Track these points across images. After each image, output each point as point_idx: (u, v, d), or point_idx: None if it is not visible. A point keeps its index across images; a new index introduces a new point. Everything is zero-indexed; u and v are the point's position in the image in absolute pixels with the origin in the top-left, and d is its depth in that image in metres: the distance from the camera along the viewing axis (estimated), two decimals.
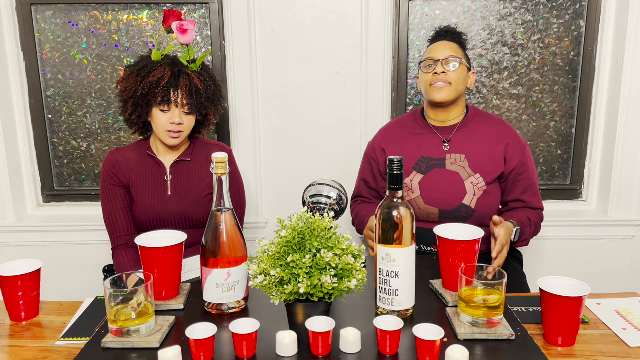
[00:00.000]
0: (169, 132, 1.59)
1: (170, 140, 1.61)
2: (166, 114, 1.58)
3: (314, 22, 2.10)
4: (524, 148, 1.68)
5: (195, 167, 1.69)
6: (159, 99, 1.57)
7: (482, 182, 1.63)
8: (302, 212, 1.05)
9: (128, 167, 1.67)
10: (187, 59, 1.64)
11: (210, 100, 1.65)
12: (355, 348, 1.00)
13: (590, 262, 2.27)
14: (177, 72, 1.59)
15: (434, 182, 1.65)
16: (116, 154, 1.69)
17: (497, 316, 1.06)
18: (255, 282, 1.01)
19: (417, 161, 1.68)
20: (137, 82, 1.58)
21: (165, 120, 1.58)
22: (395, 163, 1.08)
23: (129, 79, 1.61)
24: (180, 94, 1.58)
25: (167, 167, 1.68)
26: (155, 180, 1.66)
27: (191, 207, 1.65)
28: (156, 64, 1.60)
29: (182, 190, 1.67)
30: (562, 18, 2.18)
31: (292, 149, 2.22)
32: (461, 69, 1.65)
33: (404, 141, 1.73)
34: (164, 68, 1.58)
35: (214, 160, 1.14)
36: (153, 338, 1.04)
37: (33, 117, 2.28)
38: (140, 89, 1.57)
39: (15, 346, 1.13)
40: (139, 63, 1.64)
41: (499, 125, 1.71)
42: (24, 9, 2.17)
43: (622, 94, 2.11)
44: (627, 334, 1.13)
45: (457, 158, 1.66)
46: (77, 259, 2.27)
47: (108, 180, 1.66)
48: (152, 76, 1.57)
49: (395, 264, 1.09)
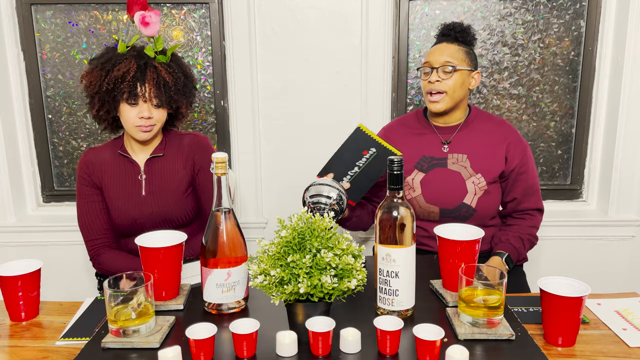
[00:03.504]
0: (138, 127, 1.52)
1: (140, 134, 1.54)
2: (134, 108, 1.51)
3: (314, 22, 2.10)
4: (525, 148, 1.68)
5: (168, 161, 1.62)
6: (125, 95, 1.49)
7: (484, 182, 1.63)
8: (302, 212, 1.05)
9: (101, 168, 1.60)
10: (154, 50, 1.55)
11: (180, 92, 1.57)
12: (355, 348, 1.00)
13: (590, 262, 2.27)
14: (144, 65, 1.51)
15: (435, 181, 1.65)
16: (90, 154, 1.62)
17: (497, 316, 1.06)
18: (255, 282, 1.01)
19: (419, 160, 1.68)
20: (101, 77, 1.50)
21: (133, 115, 1.51)
22: (395, 163, 1.08)
23: (92, 72, 1.53)
24: (147, 87, 1.50)
25: (141, 166, 1.61)
26: (129, 181, 1.59)
27: (168, 206, 1.59)
28: (121, 56, 1.51)
29: (156, 188, 1.60)
30: (562, 18, 2.18)
31: (292, 149, 2.22)
32: (458, 74, 1.60)
33: (406, 140, 1.72)
34: (129, 61, 1.50)
35: (213, 160, 1.13)
36: (153, 338, 1.04)
37: (33, 117, 2.28)
38: (105, 84, 1.49)
39: (15, 346, 1.13)
40: (103, 55, 1.55)
41: (501, 126, 1.70)
42: (24, 9, 2.17)
43: (622, 94, 2.11)
44: (627, 334, 1.13)
45: (458, 158, 1.65)
46: (77, 259, 2.27)
47: (81, 181, 1.60)
48: (117, 70, 1.48)
49: (395, 264, 1.08)
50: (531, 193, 1.68)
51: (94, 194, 1.60)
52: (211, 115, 2.28)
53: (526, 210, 1.69)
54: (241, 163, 2.21)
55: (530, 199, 1.68)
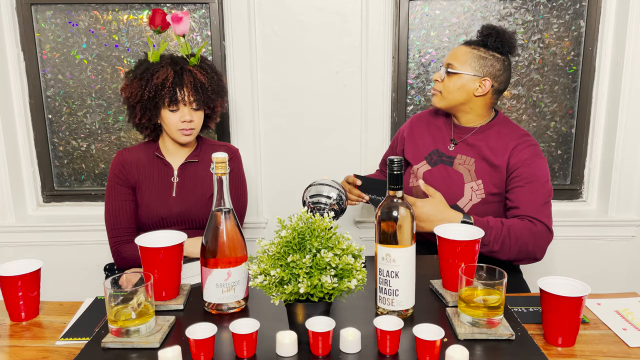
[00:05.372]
0: (181, 130, 1.61)
1: (183, 138, 1.62)
2: (175, 113, 1.59)
3: (314, 22, 2.10)
4: (535, 153, 1.56)
5: (202, 167, 1.70)
6: (166, 100, 1.57)
7: (482, 190, 1.61)
8: (302, 212, 1.05)
9: (137, 167, 1.68)
10: (186, 52, 1.64)
11: (215, 92, 1.66)
12: (355, 348, 1.00)
13: (590, 262, 2.27)
14: (180, 70, 1.59)
15: (437, 176, 1.67)
16: (125, 154, 1.70)
17: (497, 316, 1.06)
18: (255, 282, 1.01)
19: (430, 152, 1.71)
20: (141, 86, 1.58)
21: (175, 119, 1.60)
22: (395, 163, 1.08)
23: (132, 83, 1.61)
24: (186, 91, 1.58)
25: (174, 169, 1.69)
26: (162, 182, 1.67)
27: (192, 208, 1.66)
28: (157, 65, 1.60)
29: (186, 191, 1.68)
30: (562, 18, 2.18)
31: (292, 149, 2.22)
32: (457, 77, 1.59)
33: (426, 130, 1.75)
34: (166, 68, 1.58)
35: (213, 160, 1.14)
36: (153, 338, 1.04)
37: (33, 117, 2.28)
38: (147, 93, 1.57)
39: (15, 346, 1.13)
40: (139, 67, 1.63)
41: (520, 136, 1.60)
42: (24, 9, 2.17)
43: (622, 94, 2.10)
44: (627, 334, 1.13)
45: (466, 160, 1.64)
46: (77, 259, 2.27)
47: (115, 179, 1.67)
48: (156, 78, 1.57)
49: (395, 264, 1.09)
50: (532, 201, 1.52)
51: (125, 192, 1.67)
52: None
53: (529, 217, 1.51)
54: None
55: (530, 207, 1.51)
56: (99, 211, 2.33)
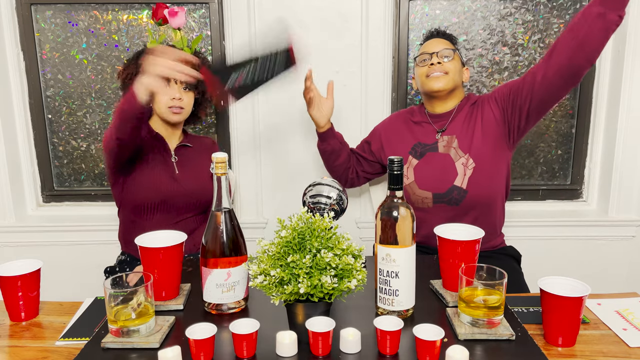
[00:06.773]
0: (171, 108, 1.65)
1: (172, 116, 1.66)
2: (166, 92, 1.64)
3: (314, 22, 2.10)
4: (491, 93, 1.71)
5: (196, 152, 1.76)
6: None
7: (472, 161, 1.64)
8: (302, 212, 1.05)
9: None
10: (181, 46, 1.69)
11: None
12: (355, 348, 1.00)
13: (590, 262, 2.27)
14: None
15: (427, 166, 1.69)
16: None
17: (497, 316, 1.06)
18: (255, 282, 1.01)
19: (413, 146, 1.74)
20: (137, 67, 1.63)
21: (166, 98, 1.64)
22: (396, 163, 1.08)
23: (128, 67, 1.69)
24: None
25: (171, 150, 1.72)
26: (162, 160, 1.70)
27: (200, 188, 1.69)
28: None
29: (189, 171, 1.72)
30: (562, 18, 2.18)
31: (292, 149, 2.22)
32: (456, 60, 1.70)
33: (404, 127, 1.80)
34: None
35: (213, 160, 1.14)
36: (153, 338, 1.04)
37: (33, 117, 2.28)
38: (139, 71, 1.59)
39: (15, 346, 1.13)
40: (135, 54, 1.73)
41: (476, 99, 1.74)
42: (24, 9, 2.17)
43: (622, 94, 2.11)
44: (628, 334, 1.13)
45: (448, 140, 1.69)
46: (77, 259, 2.27)
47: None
48: None
49: (395, 264, 1.08)
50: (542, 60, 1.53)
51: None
52: (211, 116, 2.28)
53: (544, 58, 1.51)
54: (241, 163, 2.21)
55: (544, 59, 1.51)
56: (99, 211, 2.34)
